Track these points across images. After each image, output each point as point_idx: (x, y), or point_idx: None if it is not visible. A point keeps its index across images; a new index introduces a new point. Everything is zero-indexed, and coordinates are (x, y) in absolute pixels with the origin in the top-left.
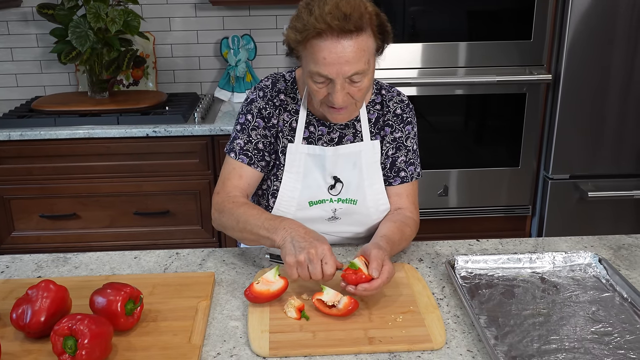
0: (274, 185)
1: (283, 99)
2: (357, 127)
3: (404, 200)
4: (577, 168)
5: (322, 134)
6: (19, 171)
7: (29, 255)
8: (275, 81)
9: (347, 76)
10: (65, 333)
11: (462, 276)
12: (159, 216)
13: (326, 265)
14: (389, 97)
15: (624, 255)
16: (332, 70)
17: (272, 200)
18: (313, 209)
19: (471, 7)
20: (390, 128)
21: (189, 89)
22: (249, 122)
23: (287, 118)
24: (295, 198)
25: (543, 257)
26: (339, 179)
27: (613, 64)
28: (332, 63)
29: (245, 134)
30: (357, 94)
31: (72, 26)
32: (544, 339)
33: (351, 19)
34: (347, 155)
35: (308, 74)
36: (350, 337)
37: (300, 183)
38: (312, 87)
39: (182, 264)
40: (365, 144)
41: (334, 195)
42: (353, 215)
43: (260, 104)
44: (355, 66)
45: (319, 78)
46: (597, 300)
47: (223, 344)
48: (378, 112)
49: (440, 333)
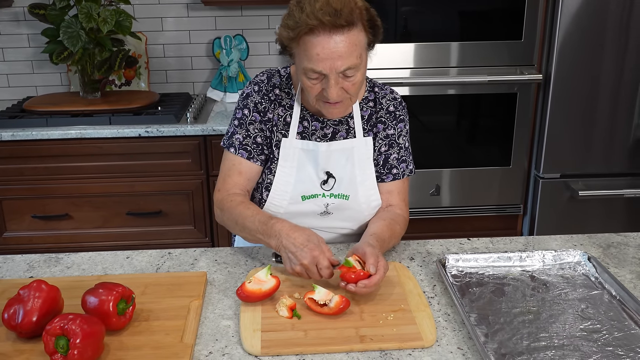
0: (268, 179)
1: (278, 94)
2: (350, 123)
3: (395, 197)
4: (568, 167)
5: (315, 129)
6: (10, 172)
7: (21, 255)
8: (270, 76)
9: (341, 71)
10: (57, 333)
11: (453, 275)
12: (152, 216)
13: (322, 270)
14: (382, 95)
15: (613, 253)
16: (325, 66)
17: (265, 193)
18: (305, 203)
19: (462, 8)
20: (383, 125)
21: (182, 89)
22: (245, 116)
23: (282, 113)
24: (289, 192)
25: (533, 255)
26: (331, 174)
27: (603, 64)
28: (325, 58)
29: (243, 129)
30: (351, 89)
31: (64, 26)
32: (534, 337)
33: (342, 14)
34: (340, 151)
35: (302, 70)
36: (342, 336)
37: (294, 177)
38: (306, 84)
39: (175, 264)
40: (358, 140)
41: (326, 191)
42: (345, 210)
43: (256, 98)
44: (348, 61)
45: (313, 74)
46: (586, 298)
47: (215, 343)
48: (371, 109)
49: (431, 331)
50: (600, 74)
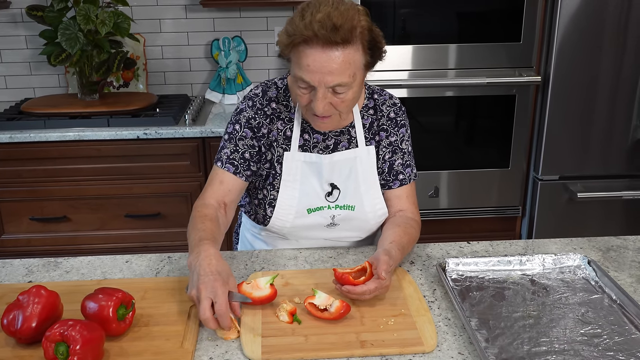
0: (271, 195)
1: (275, 107)
2: (351, 133)
3: (405, 202)
4: (567, 169)
5: (317, 141)
6: (8, 174)
7: (20, 259)
8: (266, 89)
9: (330, 86)
10: (57, 339)
11: (453, 279)
12: (150, 219)
13: (216, 305)
14: (381, 101)
15: (613, 257)
16: (314, 78)
17: (269, 209)
18: (311, 216)
19: (461, 9)
20: (385, 132)
21: (180, 91)
22: (236, 131)
23: (281, 127)
24: (294, 206)
25: (533, 259)
26: (335, 185)
27: (602, 65)
28: (315, 71)
29: (232, 144)
30: (340, 105)
31: (62, 28)
32: (534, 341)
33: (340, 30)
34: (343, 161)
35: (293, 78)
36: (343, 341)
37: (298, 191)
38: (296, 92)
39: (174, 268)
40: (361, 149)
41: (331, 202)
42: (351, 221)
43: (249, 114)
44: (339, 78)
45: (302, 84)
46: (587, 302)
47: (215, 349)
48: (372, 116)
49: (432, 336)
50: (599, 76)
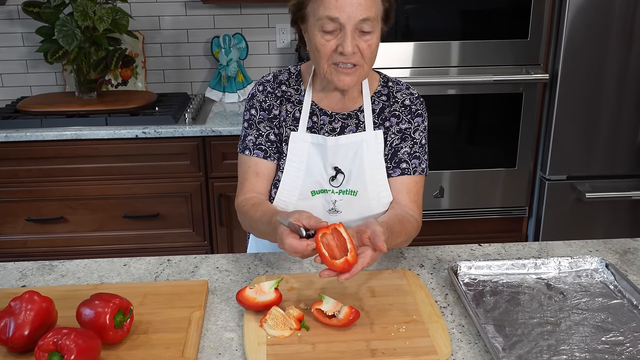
0: (276, 176)
1: (285, 90)
2: (360, 117)
3: (404, 197)
4: (574, 169)
5: (324, 123)
6: (4, 174)
7: (13, 263)
8: (277, 74)
9: (359, 19)
10: (51, 348)
11: (466, 283)
12: (149, 219)
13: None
14: (396, 89)
15: (631, 259)
16: (343, 13)
17: (273, 190)
18: (315, 198)
19: (466, 5)
20: (396, 119)
21: (179, 89)
22: (254, 116)
23: (291, 108)
24: (298, 187)
25: (548, 262)
26: (340, 169)
27: (610, 62)
28: (343, 5)
29: (254, 129)
30: (366, 50)
31: (59, 25)
32: (554, 350)
33: None
34: (349, 145)
35: (317, 24)
36: (352, 349)
37: (303, 172)
38: (319, 42)
39: (174, 272)
40: (368, 133)
41: (335, 187)
42: (353, 206)
43: (261, 97)
44: (367, 11)
45: (329, 25)
46: (606, 308)
47: (218, 357)
48: (384, 102)
49: (446, 344)
50: (607, 73)
